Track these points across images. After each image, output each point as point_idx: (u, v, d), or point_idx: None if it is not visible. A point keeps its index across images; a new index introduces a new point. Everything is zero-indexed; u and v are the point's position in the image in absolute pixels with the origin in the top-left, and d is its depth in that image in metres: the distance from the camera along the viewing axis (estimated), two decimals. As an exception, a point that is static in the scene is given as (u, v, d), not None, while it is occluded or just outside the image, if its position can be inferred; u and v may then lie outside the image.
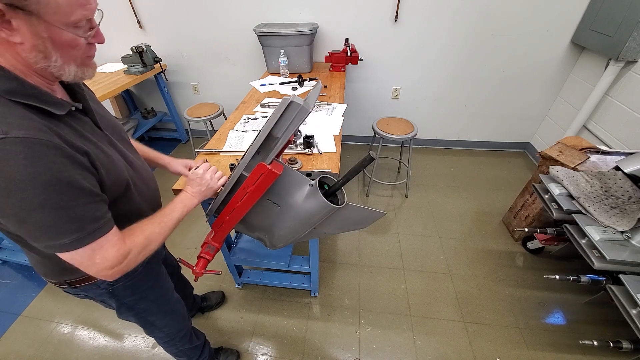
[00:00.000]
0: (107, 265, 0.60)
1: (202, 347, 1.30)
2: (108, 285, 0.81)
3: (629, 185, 1.31)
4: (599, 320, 1.54)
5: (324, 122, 1.55)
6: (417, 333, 1.52)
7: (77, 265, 0.58)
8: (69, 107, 0.58)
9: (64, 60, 0.53)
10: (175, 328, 1.09)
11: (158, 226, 0.69)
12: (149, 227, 0.68)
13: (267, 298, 1.70)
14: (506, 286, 1.71)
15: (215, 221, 0.82)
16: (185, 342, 1.18)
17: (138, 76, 2.40)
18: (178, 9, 2.40)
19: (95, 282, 0.79)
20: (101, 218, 0.58)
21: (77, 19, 0.50)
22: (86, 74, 0.59)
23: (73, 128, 0.59)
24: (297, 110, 0.63)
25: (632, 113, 1.83)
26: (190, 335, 1.20)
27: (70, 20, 0.49)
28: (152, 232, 0.68)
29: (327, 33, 2.39)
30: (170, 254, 1.28)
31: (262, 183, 0.67)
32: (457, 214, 2.20)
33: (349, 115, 2.76)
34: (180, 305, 1.10)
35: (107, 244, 0.59)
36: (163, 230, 0.70)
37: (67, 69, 0.54)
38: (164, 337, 1.10)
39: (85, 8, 0.51)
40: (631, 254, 1.13)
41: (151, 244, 0.67)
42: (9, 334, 1.59)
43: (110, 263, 0.60)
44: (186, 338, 1.17)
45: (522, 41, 2.25)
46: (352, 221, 0.79)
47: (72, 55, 0.54)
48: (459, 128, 2.83)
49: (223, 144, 1.37)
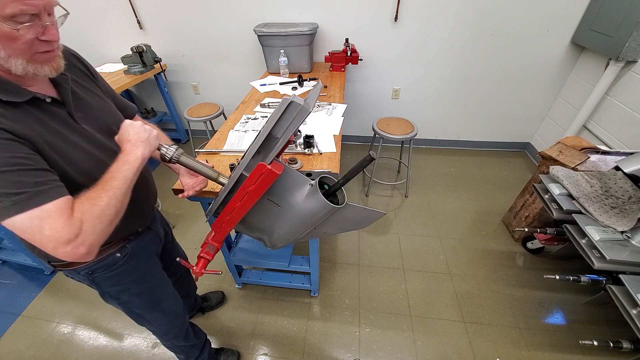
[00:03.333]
0: (60, 239, 0.55)
1: (201, 346, 1.29)
2: (87, 273, 0.82)
3: (629, 185, 1.31)
4: (599, 320, 1.54)
5: (324, 122, 1.55)
6: (417, 333, 1.52)
7: (28, 238, 0.55)
8: (30, 96, 0.60)
9: (8, 53, 0.54)
10: (166, 324, 1.09)
11: (103, 191, 0.61)
12: (93, 194, 0.61)
13: (267, 298, 1.70)
14: (506, 286, 1.71)
15: (215, 221, 0.82)
16: (180, 340, 1.17)
17: (138, 76, 2.40)
18: (178, 9, 2.40)
19: (75, 268, 0.80)
20: (44, 183, 0.56)
21: (13, 12, 0.50)
22: (39, 70, 0.58)
23: (34, 116, 0.61)
24: (297, 110, 0.63)
25: (632, 113, 1.83)
26: (186, 334, 1.18)
27: (4, 13, 0.50)
28: (98, 197, 0.60)
29: (327, 33, 2.39)
30: (178, 247, 1.27)
31: (262, 183, 0.67)
32: (457, 214, 2.20)
33: (349, 115, 2.76)
34: (173, 303, 1.08)
35: (55, 212, 0.55)
36: (114, 193, 0.62)
37: (13, 62, 0.55)
38: (155, 330, 1.10)
39: (23, 3, 0.51)
40: (631, 254, 1.13)
41: (105, 212, 0.60)
42: (9, 334, 1.59)
43: (61, 235, 0.55)
44: (181, 336, 1.16)
45: (522, 41, 2.25)
46: (352, 221, 0.78)
47: (15, 49, 0.54)
48: (459, 128, 2.83)
49: (223, 144, 1.37)
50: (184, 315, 1.16)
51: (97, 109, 0.75)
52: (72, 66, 0.74)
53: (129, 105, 0.93)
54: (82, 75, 0.77)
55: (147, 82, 2.82)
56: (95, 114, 0.74)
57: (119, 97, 0.90)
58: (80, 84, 0.74)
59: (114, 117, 0.79)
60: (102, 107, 0.77)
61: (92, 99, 0.75)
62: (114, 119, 0.79)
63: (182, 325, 1.16)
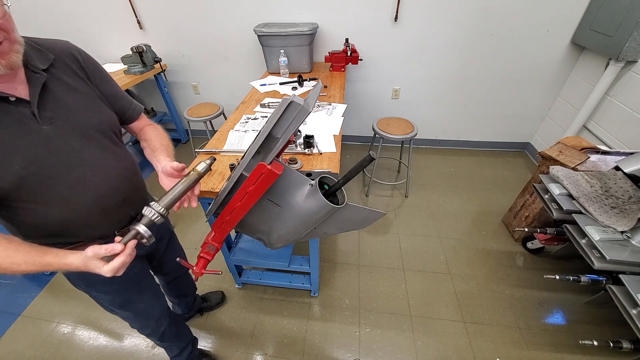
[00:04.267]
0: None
1: (182, 347, 1.28)
2: None
3: (629, 185, 1.31)
4: (599, 320, 1.54)
5: (324, 122, 1.55)
6: (417, 333, 1.52)
7: None
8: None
9: None
10: (137, 323, 1.08)
11: (24, 262, 0.64)
12: (12, 255, 0.63)
13: (267, 298, 1.70)
14: (506, 286, 1.71)
15: (215, 221, 0.82)
16: (154, 339, 1.17)
17: (138, 76, 2.40)
18: (178, 9, 2.40)
19: None
20: None
21: None
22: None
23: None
24: (297, 110, 0.63)
25: (632, 113, 1.82)
26: (162, 336, 1.15)
27: None
28: (14, 262, 0.63)
29: (327, 33, 2.39)
30: (176, 249, 1.23)
31: (262, 183, 0.67)
32: (457, 214, 2.20)
33: (349, 115, 2.76)
34: (147, 307, 1.05)
35: None
36: (27, 267, 0.64)
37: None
38: (130, 324, 1.09)
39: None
40: (631, 254, 1.13)
41: (7, 271, 0.64)
42: (9, 334, 1.59)
43: None
44: (155, 336, 1.15)
45: (522, 41, 2.25)
46: (352, 221, 0.78)
47: None
48: (459, 128, 2.83)
49: (223, 144, 1.37)
50: (161, 319, 1.12)
51: (74, 109, 0.72)
52: (61, 64, 0.73)
53: (131, 107, 0.90)
54: (72, 74, 0.74)
55: (147, 82, 2.81)
56: (71, 115, 0.71)
57: (121, 98, 0.87)
58: (64, 82, 0.72)
59: (97, 119, 0.76)
60: (83, 108, 0.74)
61: (74, 98, 0.73)
62: (97, 120, 0.76)
63: (157, 328, 1.12)
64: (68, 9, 2.48)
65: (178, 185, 0.72)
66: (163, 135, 0.93)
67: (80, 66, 0.77)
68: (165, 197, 0.70)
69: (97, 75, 0.81)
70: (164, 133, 0.95)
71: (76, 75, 0.76)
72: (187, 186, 0.72)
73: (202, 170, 0.74)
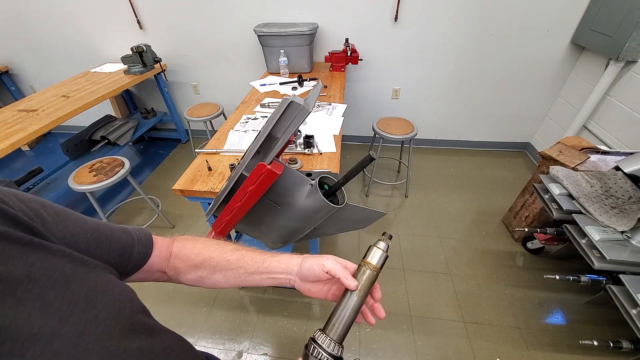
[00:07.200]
0: None
1: None
2: None
3: (629, 185, 1.31)
4: (599, 320, 1.54)
5: (324, 122, 1.55)
6: (417, 333, 1.52)
7: None
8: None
9: None
10: None
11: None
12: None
13: (267, 298, 1.70)
14: (506, 286, 1.71)
15: (215, 221, 0.82)
16: None
17: (138, 76, 2.40)
18: (178, 9, 2.40)
19: None
20: None
21: None
22: None
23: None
24: (297, 110, 0.63)
25: (632, 113, 1.82)
26: None
27: None
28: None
29: (327, 33, 2.39)
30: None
31: (262, 183, 0.67)
32: (457, 214, 2.20)
33: (349, 115, 2.76)
34: None
35: None
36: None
37: None
38: None
39: None
40: (631, 254, 1.13)
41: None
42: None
43: None
44: None
45: (522, 41, 2.25)
46: (352, 221, 0.78)
47: None
48: (459, 128, 2.83)
49: (223, 144, 1.37)
50: None
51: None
52: None
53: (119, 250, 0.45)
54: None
55: (147, 82, 2.81)
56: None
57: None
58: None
59: None
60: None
61: None
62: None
63: None
64: (68, 9, 2.47)
65: (351, 298, 0.47)
66: (212, 240, 0.64)
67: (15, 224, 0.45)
68: (334, 322, 0.44)
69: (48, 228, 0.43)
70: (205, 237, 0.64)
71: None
72: (364, 295, 0.48)
73: (379, 262, 0.49)
